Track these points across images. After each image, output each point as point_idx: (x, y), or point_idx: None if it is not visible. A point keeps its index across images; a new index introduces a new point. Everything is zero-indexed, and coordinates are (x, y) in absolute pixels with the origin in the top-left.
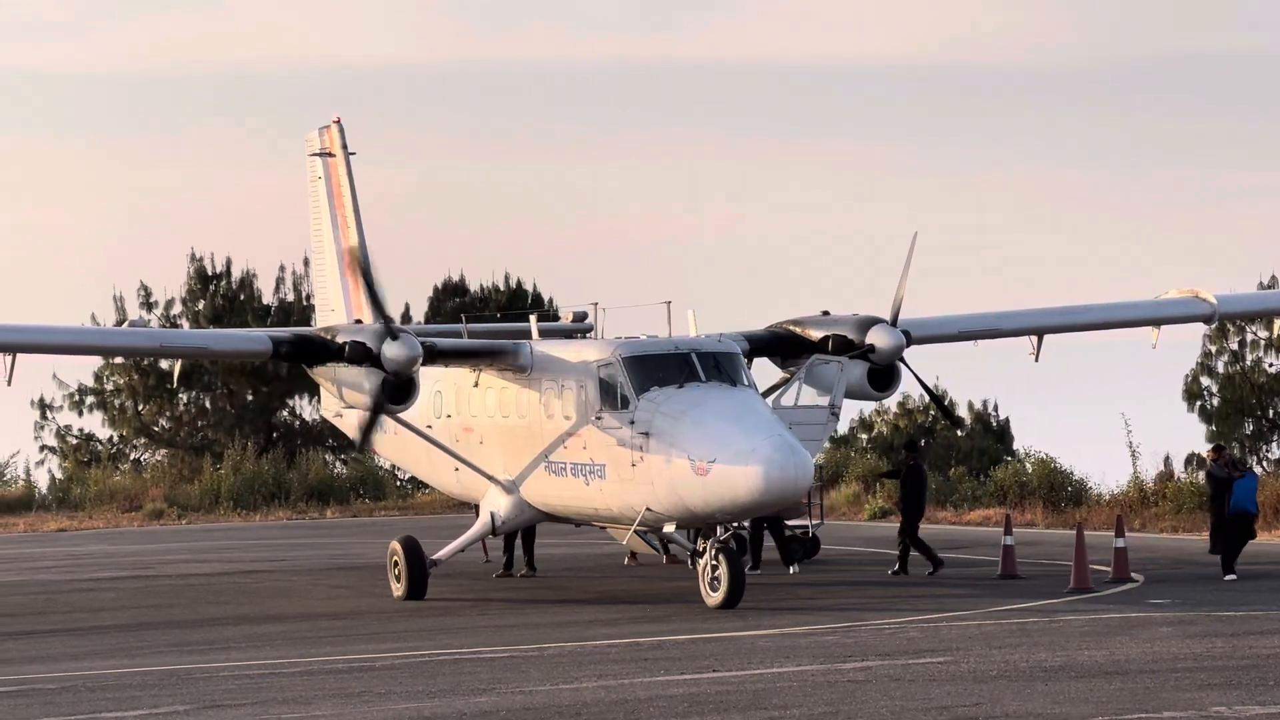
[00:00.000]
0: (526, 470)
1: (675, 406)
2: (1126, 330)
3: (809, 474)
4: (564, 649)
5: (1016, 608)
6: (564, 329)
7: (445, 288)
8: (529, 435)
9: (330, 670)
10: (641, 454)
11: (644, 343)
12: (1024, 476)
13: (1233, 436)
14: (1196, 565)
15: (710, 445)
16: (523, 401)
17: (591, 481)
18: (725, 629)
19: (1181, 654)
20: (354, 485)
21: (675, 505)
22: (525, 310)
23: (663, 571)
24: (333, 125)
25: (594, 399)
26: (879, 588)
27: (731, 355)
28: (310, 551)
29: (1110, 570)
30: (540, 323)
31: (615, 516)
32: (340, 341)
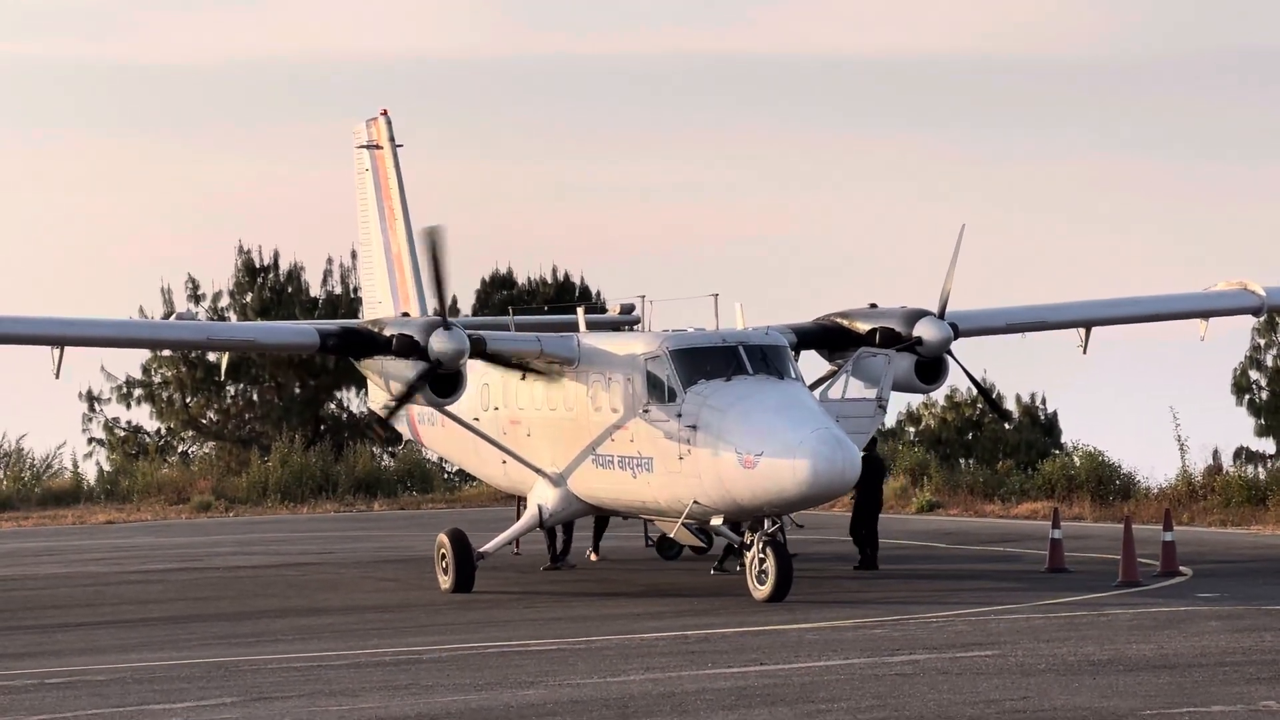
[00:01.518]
0: (574, 463)
1: (722, 399)
2: (1175, 323)
3: (857, 467)
4: (611, 642)
5: (1064, 601)
6: (611, 321)
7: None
8: (576, 428)
9: (377, 663)
10: (689, 447)
11: (691, 335)
12: (1072, 470)
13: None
14: (1245, 559)
15: (757, 438)
16: (570, 394)
17: (639, 474)
18: (772, 622)
19: (1230, 648)
20: (401, 478)
21: (722, 498)
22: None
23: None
24: (380, 118)
25: (641, 392)
26: (926, 581)
27: (779, 348)
28: (357, 544)
29: (1158, 564)
30: (588, 315)
31: (663, 509)
32: (388, 334)
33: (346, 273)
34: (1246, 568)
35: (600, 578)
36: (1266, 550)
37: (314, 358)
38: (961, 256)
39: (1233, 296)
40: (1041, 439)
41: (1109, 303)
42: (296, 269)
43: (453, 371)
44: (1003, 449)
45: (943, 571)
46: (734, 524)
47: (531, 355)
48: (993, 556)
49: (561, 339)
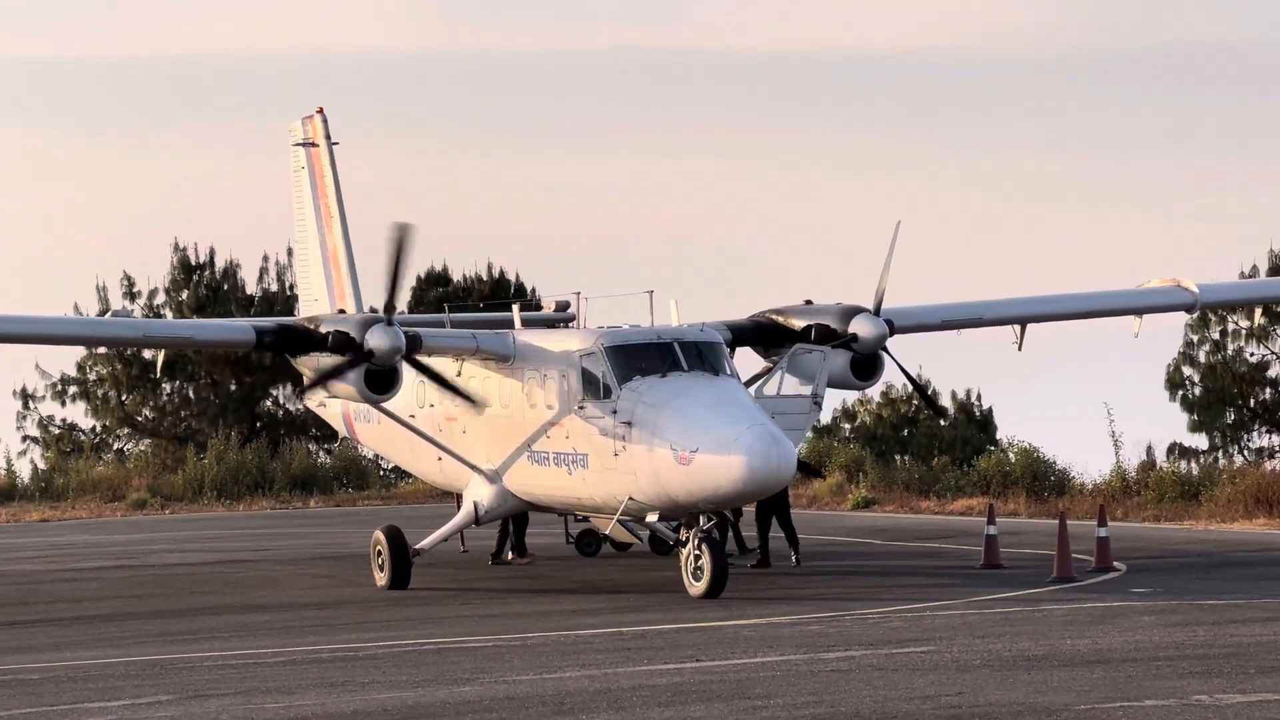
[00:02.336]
0: (509, 460)
1: (658, 396)
2: (1109, 319)
3: (792, 463)
4: (547, 638)
5: (999, 597)
6: (547, 318)
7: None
8: (511, 425)
9: (314, 660)
10: (624, 443)
11: (626, 332)
12: (1007, 466)
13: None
14: (1179, 554)
15: (693, 435)
16: (505, 391)
17: (574, 471)
18: (708, 619)
19: (1163, 643)
20: (337, 475)
21: (658, 495)
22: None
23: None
24: (316, 115)
25: (577, 388)
26: (862, 577)
27: (714, 345)
28: (294, 541)
29: (1093, 559)
30: (523, 312)
31: (598, 506)
32: (324, 331)
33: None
34: (1180, 563)
35: (536, 574)
36: (1199, 545)
37: (250, 355)
38: (897, 253)
39: (1166, 294)
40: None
41: (1044, 299)
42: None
43: (388, 368)
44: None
45: (878, 568)
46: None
47: (467, 352)
48: (928, 553)
49: (497, 336)
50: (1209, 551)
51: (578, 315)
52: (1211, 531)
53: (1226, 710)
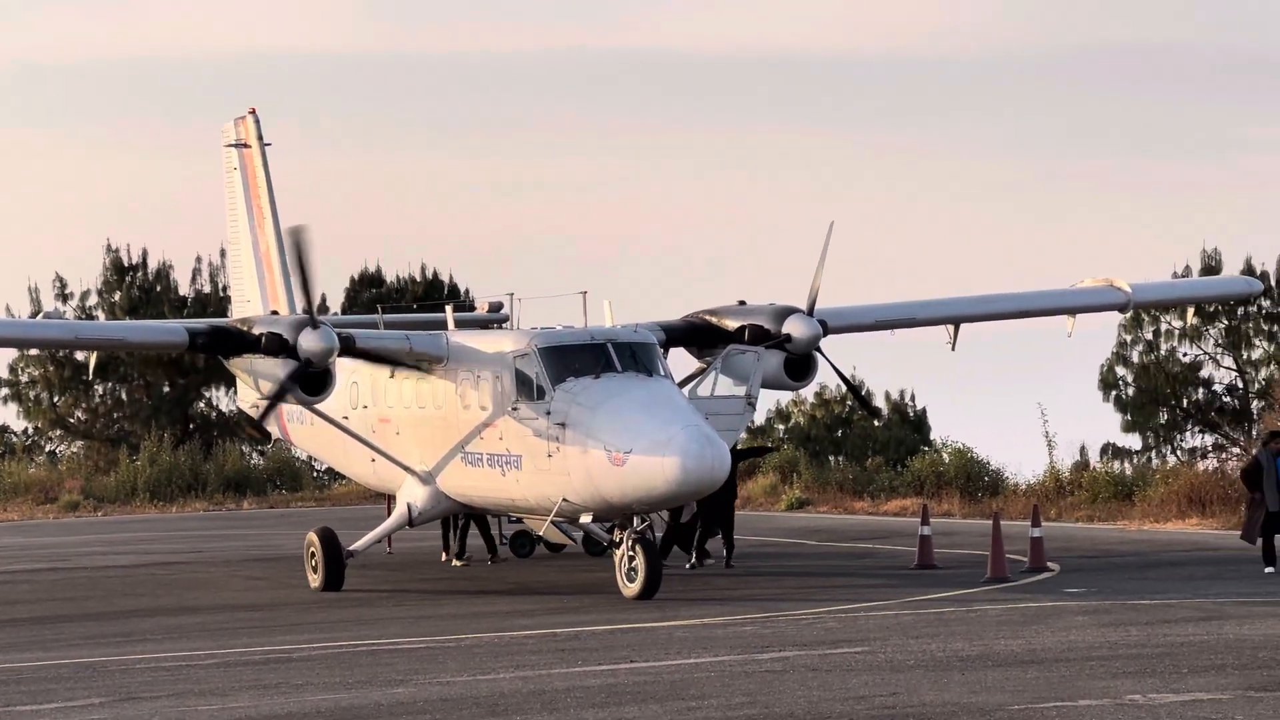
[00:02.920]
0: (443, 461)
1: (591, 397)
2: (1042, 319)
3: (726, 464)
4: (481, 640)
5: (933, 598)
6: (480, 319)
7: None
8: (445, 426)
9: (247, 662)
10: (558, 445)
11: (560, 333)
12: (941, 466)
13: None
14: (1112, 554)
15: (626, 436)
16: (439, 392)
17: (508, 472)
18: (642, 620)
19: (1097, 642)
20: (271, 476)
21: (592, 496)
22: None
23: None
24: (248, 116)
25: (510, 390)
26: (796, 578)
27: (647, 346)
28: (227, 543)
29: (1027, 560)
30: (456, 313)
31: (532, 507)
32: (257, 333)
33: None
34: (1113, 563)
35: (470, 575)
36: (1133, 545)
37: (183, 356)
38: (831, 254)
39: (1099, 293)
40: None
41: (977, 299)
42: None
43: (322, 370)
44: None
45: (812, 569)
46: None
47: (401, 353)
48: (862, 554)
49: (430, 337)
50: (1142, 551)
51: (511, 316)
52: (1145, 532)
53: (1160, 710)
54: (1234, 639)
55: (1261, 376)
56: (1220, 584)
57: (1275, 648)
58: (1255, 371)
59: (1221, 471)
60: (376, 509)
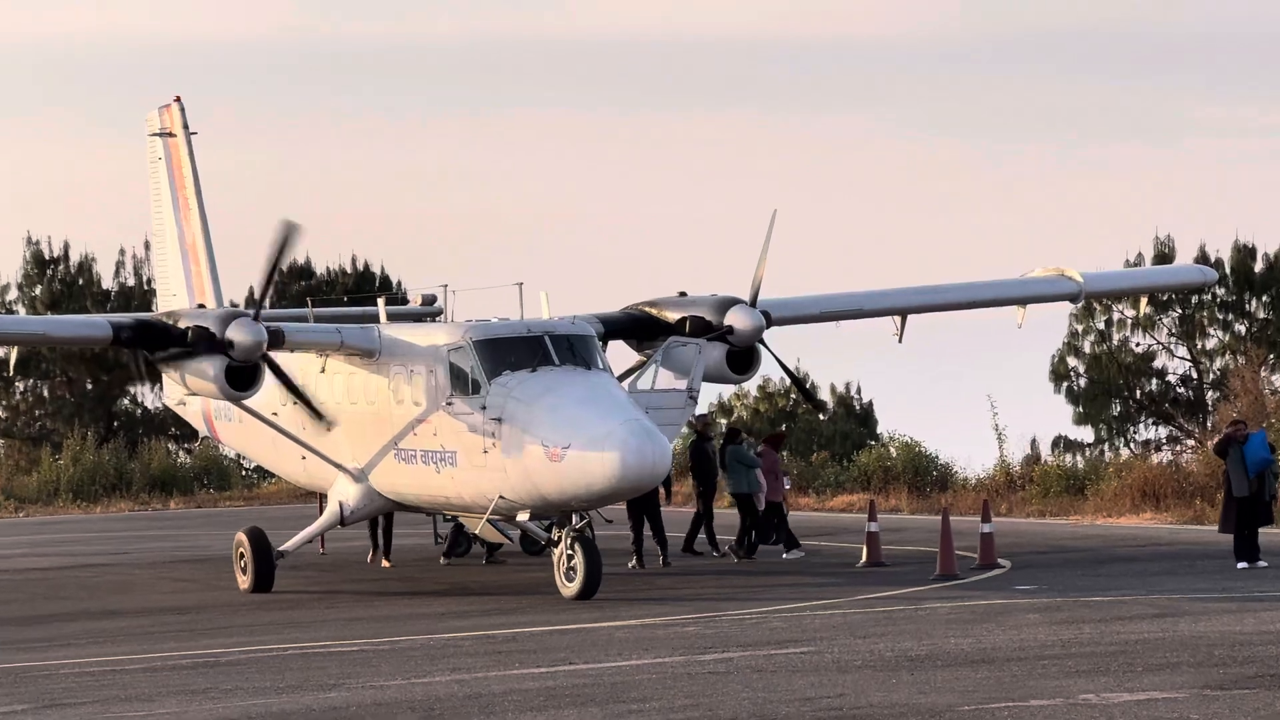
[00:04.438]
0: (376, 458)
1: (528, 391)
2: (992, 310)
3: (667, 460)
4: (415, 642)
5: (881, 596)
6: (413, 312)
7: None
8: (378, 422)
9: (174, 666)
10: (494, 440)
11: (495, 325)
12: (888, 461)
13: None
14: (1064, 550)
15: (564, 431)
16: (371, 387)
17: (442, 469)
18: (581, 620)
19: (1049, 641)
20: (198, 475)
21: (529, 493)
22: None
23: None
24: (173, 104)
25: (444, 384)
26: (739, 576)
27: (585, 338)
28: (153, 544)
29: (977, 556)
30: (389, 306)
31: (467, 505)
32: (183, 326)
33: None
34: (1065, 559)
35: (403, 576)
36: (1085, 541)
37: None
38: (774, 243)
39: (1050, 283)
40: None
41: (925, 290)
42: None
43: (250, 364)
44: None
45: (756, 566)
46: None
47: (331, 347)
48: (808, 550)
49: (362, 330)
50: (1095, 547)
51: (445, 309)
52: (1098, 526)
53: (1114, 709)
54: (1189, 636)
55: (1216, 367)
56: (1175, 580)
57: (1231, 645)
58: (1210, 362)
59: (1176, 464)
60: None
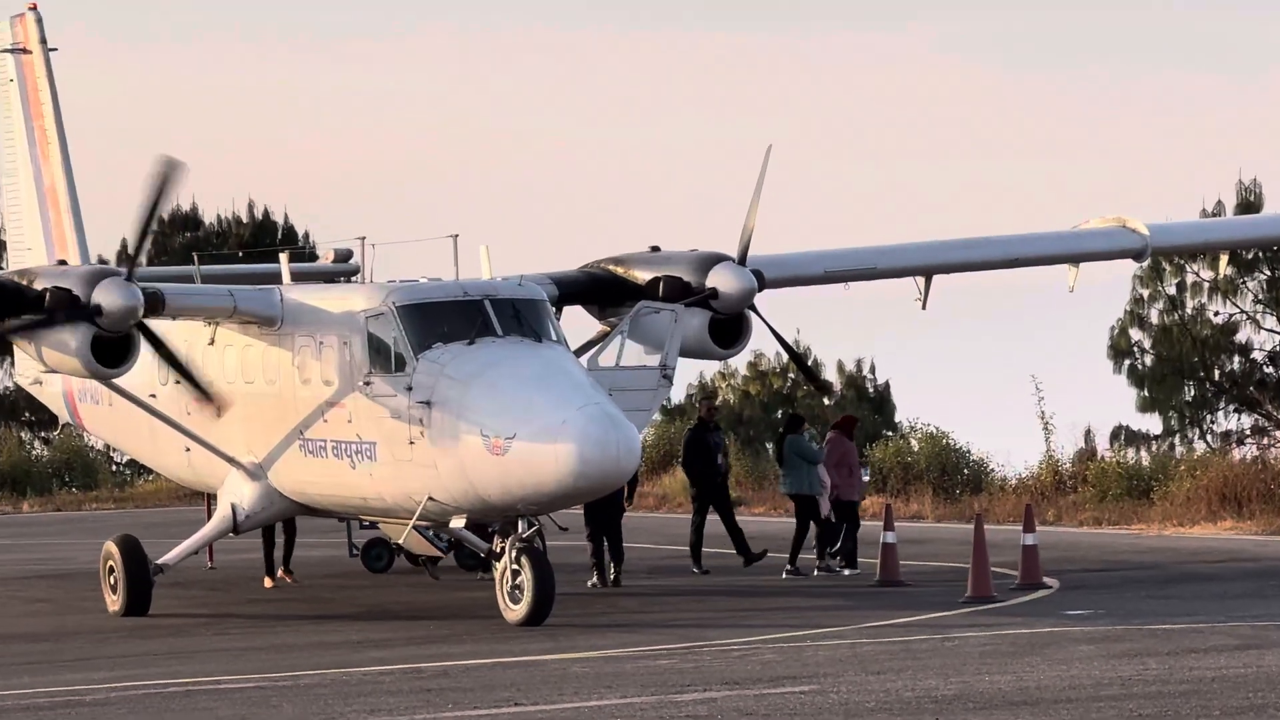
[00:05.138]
0: (276, 450)
1: (464, 368)
2: (1037, 270)
3: (635, 453)
4: (325, 677)
5: (899, 622)
6: (324, 271)
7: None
8: (279, 406)
9: (28, 706)
10: (422, 429)
11: (424, 288)
12: (908, 456)
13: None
14: (1124, 566)
15: (509, 417)
16: (271, 363)
17: (359, 464)
18: (530, 651)
19: (1105, 678)
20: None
21: (465, 494)
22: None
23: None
24: (27, 13)
25: (361, 359)
26: (724, 598)
27: (535, 303)
28: (2, 555)
29: (1017, 574)
30: (293, 263)
31: (389, 508)
32: (39, 287)
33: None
34: (1126, 577)
35: (310, 596)
36: (1150, 555)
37: None
38: (769, 186)
39: (1109, 236)
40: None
41: (955, 244)
42: None
43: (122, 335)
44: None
45: (744, 586)
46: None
47: (223, 314)
48: (808, 566)
49: (261, 293)
50: (1163, 563)
51: (363, 267)
52: (1166, 537)
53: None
54: (1277, 673)
55: None
56: (1261, 604)
57: None
58: None
59: (1263, 462)
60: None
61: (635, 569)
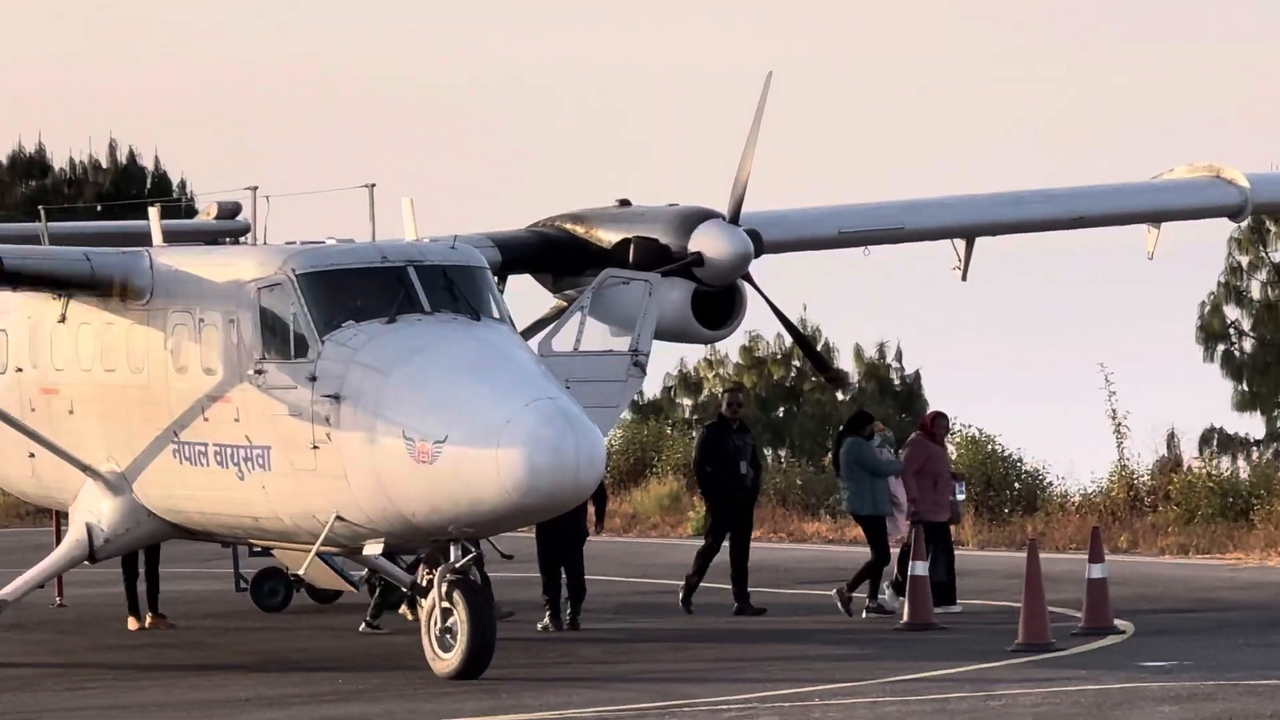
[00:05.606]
0: (144, 457)
1: (382, 353)
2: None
3: (598, 461)
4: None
5: (931, 676)
6: (205, 230)
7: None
8: (148, 400)
9: None
10: (328, 430)
11: (332, 251)
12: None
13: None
14: (1215, 607)
15: (438, 416)
16: (137, 346)
17: (249, 474)
18: (465, 711)
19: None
20: None
21: (383, 512)
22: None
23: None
24: None
25: (252, 341)
26: (711, 645)
27: (472, 271)
28: None
29: (1082, 616)
30: (166, 220)
31: (287, 530)
32: None
33: None
34: (1219, 620)
35: (187, 641)
36: (1250, 592)
37: None
38: (768, 125)
39: (1198, 189)
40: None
41: (1002, 199)
42: None
43: None
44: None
45: (737, 630)
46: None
47: (76, 282)
48: (818, 605)
49: (125, 257)
50: (1265, 602)
51: (254, 225)
52: (1270, 569)
53: None
54: None
55: None
56: None
57: None
58: None
59: None
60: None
61: (598, 608)
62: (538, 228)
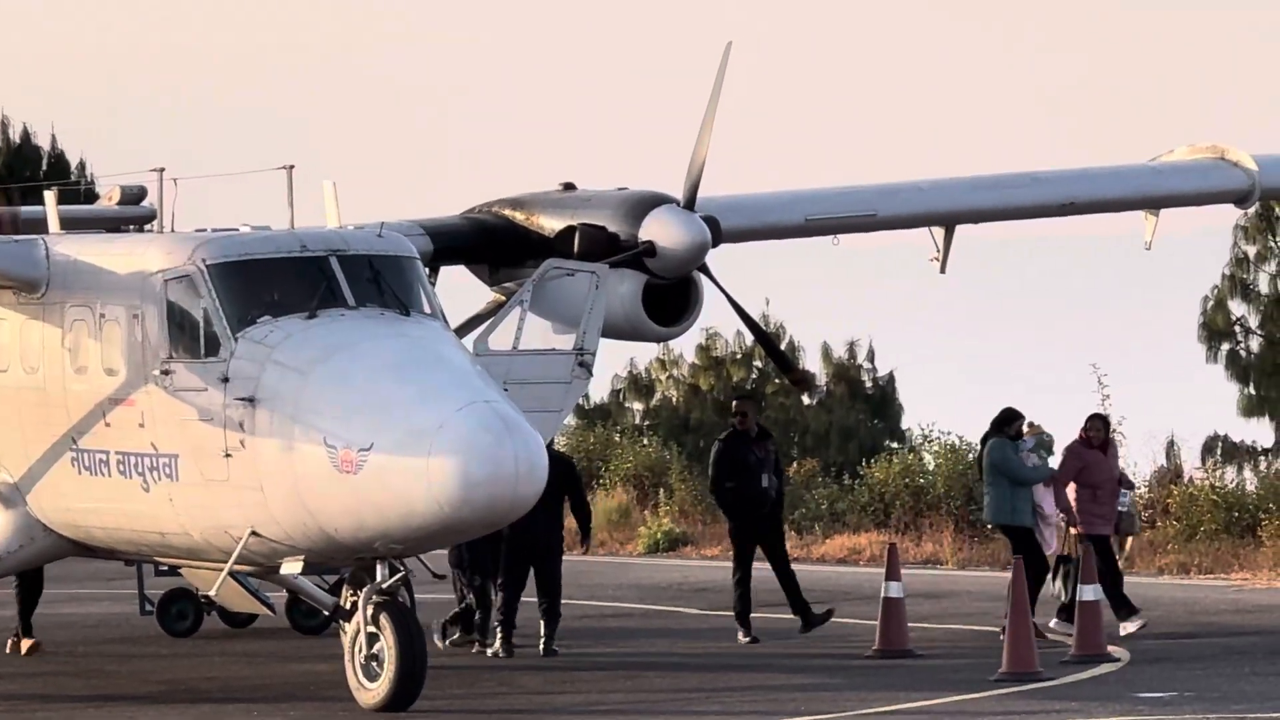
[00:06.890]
0: (39, 466)
1: (301, 352)
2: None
3: (539, 471)
4: None
5: (907, 708)
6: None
7: None
8: (42, 403)
9: None
10: (242, 437)
11: (246, 239)
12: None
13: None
14: (1220, 631)
15: (363, 421)
16: (32, 344)
17: (154, 485)
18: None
19: None
20: None
21: (303, 527)
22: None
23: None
24: None
25: (158, 338)
26: (667, 674)
27: (400, 261)
28: None
29: (1072, 642)
30: (63, 205)
31: (196, 547)
32: None
33: None
34: (1223, 646)
35: (86, 669)
36: (1256, 616)
37: None
38: (727, 100)
39: (1201, 172)
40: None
41: (984, 182)
42: None
43: None
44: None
45: (695, 657)
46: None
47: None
48: (782, 630)
49: (17, 246)
50: (1274, 626)
51: (161, 210)
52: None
53: None
54: None
55: None
56: None
57: None
58: None
59: None
60: None
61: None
62: (473, 214)
